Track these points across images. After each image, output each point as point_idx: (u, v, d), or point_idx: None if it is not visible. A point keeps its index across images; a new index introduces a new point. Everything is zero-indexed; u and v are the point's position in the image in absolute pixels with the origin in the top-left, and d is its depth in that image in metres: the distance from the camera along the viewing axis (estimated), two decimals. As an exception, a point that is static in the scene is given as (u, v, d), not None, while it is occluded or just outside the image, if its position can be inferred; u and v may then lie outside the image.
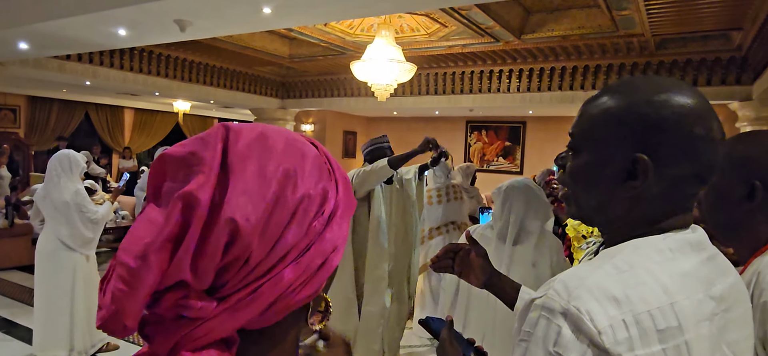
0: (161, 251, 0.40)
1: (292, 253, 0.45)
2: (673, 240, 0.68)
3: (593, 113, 0.73)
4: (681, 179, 0.69)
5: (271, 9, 3.61)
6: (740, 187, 1.08)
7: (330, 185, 0.50)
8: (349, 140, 11.90)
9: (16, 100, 10.57)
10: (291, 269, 0.44)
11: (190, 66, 8.28)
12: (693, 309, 0.64)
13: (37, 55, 5.78)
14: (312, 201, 0.47)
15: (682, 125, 0.67)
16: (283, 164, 0.46)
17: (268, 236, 0.44)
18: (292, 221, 0.45)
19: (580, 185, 0.76)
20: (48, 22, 4.12)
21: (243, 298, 0.43)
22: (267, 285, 0.43)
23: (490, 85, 7.87)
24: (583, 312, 0.59)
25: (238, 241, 0.42)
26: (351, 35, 6.63)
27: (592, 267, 0.65)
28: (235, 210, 0.42)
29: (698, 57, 6.24)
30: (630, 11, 5.00)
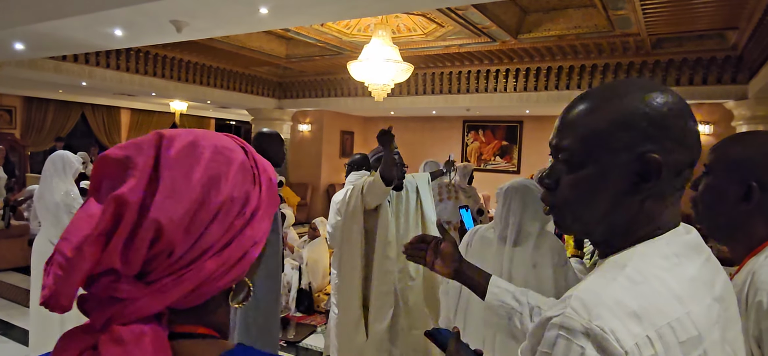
0: (95, 244, 0.47)
1: (214, 247, 0.52)
2: (676, 245, 0.68)
3: (590, 121, 0.71)
4: (681, 171, 0.70)
5: (267, 9, 3.60)
6: (737, 188, 1.08)
7: (253, 188, 0.57)
8: (346, 140, 11.89)
9: (11, 101, 10.54)
10: (213, 260, 0.52)
11: (187, 66, 8.26)
12: (705, 315, 0.63)
13: (33, 55, 5.76)
14: (234, 203, 0.54)
15: (678, 119, 0.68)
16: (209, 170, 0.53)
17: (191, 233, 0.50)
18: (215, 220, 0.52)
19: (582, 199, 0.72)
20: (43, 23, 4.10)
21: (167, 284, 0.50)
22: (189, 274, 0.50)
23: (486, 85, 7.88)
24: (607, 331, 0.57)
25: (162, 238, 0.49)
26: (348, 35, 6.63)
27: (606, 280, 0.63)
28: (160, 212, 0.49)
29: (694, 56, 6.26)
30: (626, 11, 5.02)
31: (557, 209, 0.76)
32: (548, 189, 0.76)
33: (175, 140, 0.54)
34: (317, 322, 4.64)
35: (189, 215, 0.50)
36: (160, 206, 0.49)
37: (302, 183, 10.87)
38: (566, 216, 0.75)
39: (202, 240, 0.51)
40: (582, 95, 0.75)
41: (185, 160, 0.53)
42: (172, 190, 0.50)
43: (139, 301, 0.49)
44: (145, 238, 0.48)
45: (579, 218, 0.73)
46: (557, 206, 0.75)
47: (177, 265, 0.50)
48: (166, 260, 0.50)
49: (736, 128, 6.56)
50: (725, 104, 6.65)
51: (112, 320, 0.49)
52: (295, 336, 4.29)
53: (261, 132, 3.02)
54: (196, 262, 0.51)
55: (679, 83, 6.46)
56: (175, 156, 0.53)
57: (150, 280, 0.50)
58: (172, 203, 0.50)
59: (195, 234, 0.51)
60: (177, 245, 0.50)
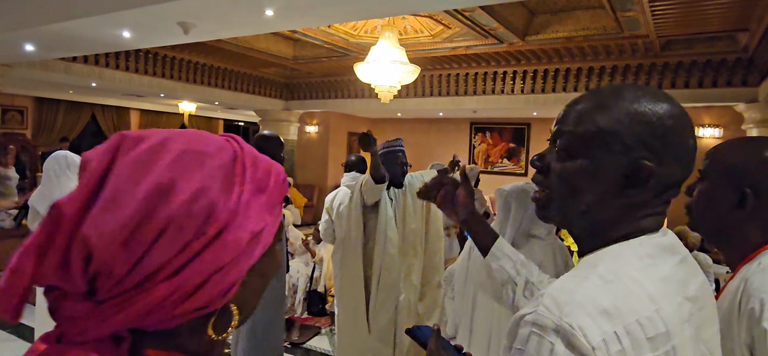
0: (30, 258, 0.43)
1: (165, 270, 0.45)
2: (650, 246, 0.69)
3: (596, 117, 0.71)
4: (670, 186, 0.71)
5: (273, 11, 3.62)
6: (731, 194, 1.08)
7: (223, 199, 0.48)
8: (353, 142, 11.90)
9: (23, 101, 10.66)
10: (165, 285, 0.45)
11: (195, 68, 8.32)
12: (675, 312, 0.65)
13: (43, 57, 5.83)
14: (190, 220, 0.46)
15: (680, 135, 0.69)
16: (159, 177, 0.46)
17: (132, 252, 0.44)
18: (161, 239, 0.45)
19: (568, 189, 0.74)
20: (53, 24, 4.15)
21: (117, 305, 0.44)
22: (138, 298, 0.44)
23: (494, 87, 7.86)
24: (575, 328, 0.59)
25: (94, 255, 0.43)
26: (355, 37, 6.64)
27: (579, 279, 0.65)
28: (90, 227, 0.43)
29: (704, 58, 6.20)
30: (635, 12, 4.98)
31: (544, 195, 0.78)
32: (539, 172, 0.79)
33: (141, 143, 0.48)
34: (321, 324, 4.64)
35: (126, 232, 0.44)
36: (93, 221, 0.44)
37: (309, 184, 10.90)
38: (551, 203, 0.77)
39: (147, 261, 0.44)
40: (592, 91, 0.76)
41: (140, 166, 0.46)
42: (111, 201, 0.44)
43: (85, 321, 0.44)
44: (78, 255, 0.43)
45: (561, 208, 0.75)
46: (544, 191, 0.78)
47: (121, 287, 0.44)
48: (107, 280, 0.44)
49: (746, 131, 6.48)
50: (735, 107, 6.58)
51: (64, 336, 0.45)
52: (299, 337, 4.29)
53: (260, 134, 3.05)
54: (144, 285, 0.45)
55: (689, 86, 6.40)
56: (131, 162, 0.46)
57: (99, 299, 0.45)
58: (108, 217, 0.44)
59: (136, 254, 0.44)
60: (114, 265, 0.44)
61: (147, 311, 0.45)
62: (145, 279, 0.45)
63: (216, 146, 0.51)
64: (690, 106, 6.97)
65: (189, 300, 0.46)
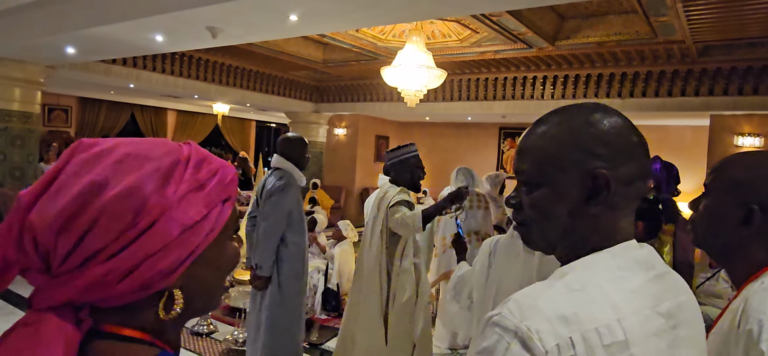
0: (0, 237, 0.53)
1: (102, 254, 0.53)
2: (622, 259, 0.72)
3: (542, 144, 0.76)
4: (633, 183, 0.74)
5: (297, 16, 3.68)
6: (737, 210, 1.04)
7: (155, 198, 0.55)
8: (381, 145, 11.95)
9: (68, 101, 11.18)
10: (101, 267, 0.53)
11: (228, 70, 8.53)
12: (640, 324, 0.67)
13: (83, 59, 6.10)
14: (122, 212, 0.53)
15: (621, 135, 0.73)
16: (98, 176, 0.54)
17: (70, 235, 0.52)
18: (95, 227, 0.52)
19: (542, 217, 0.77)
20: (91, 29, 4.35)
21: (65, 280, 0.53)
22: (80, 275, 0.53)
23: (523, 92, 7.74)
24: (533, 331, 0.62)
25: (38, 237, 0.52)
26: (383, 41, 6.68)
27: (545, 287, 0.69)
28: (36, 213, 0.53)
29: (744, 64, 5.94)
30: (669, 17, 4.82)
31: (523, 227, 0.81)
32: (514, 208, 0.82)
33: (92, 148, 0.57)
34: (341, 325, 4.68)
35: (62, 218, 0.52)
36: (38, 208, 0.53)
37: (337, 186, 11.00)
38: (532, 234, 0.80)
39: (85, 245, 0.52)
40: (537, 121, 0.80)
41: (85, 165, 0.55)
42: (54, 193, 0.53)
43: (45, 290, 0.54)
44: (28, 236, 0.52)
45: (542, 235, 0.78)
46: (523, 224, 0.81)
47: (66, 266, 0.53)
48: (55, 258, 0.53)
49: (790, 141, 6.18)
50: (779, 116, 6.28)
51: (31, 303, 0.55)
52: (318, 338, 4.34)
53: (284, 137, 3.11)
54: (84, 265, 0.53)
55: (728, 93, 6.14)
56: (79, 162, 0.55)
57: (53, 274, 0.54)
58: (49, 205, 0.52)
59: (73, 238, 0.52)
60: (58, 246, 0.52)
61: (88, 286, 0.53)
62: (85, 260, 0.53)
63: (161, 151, 0.58)
64: (729, 113, 6.69)
65: (125, 280, 0.54)
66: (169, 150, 0.59)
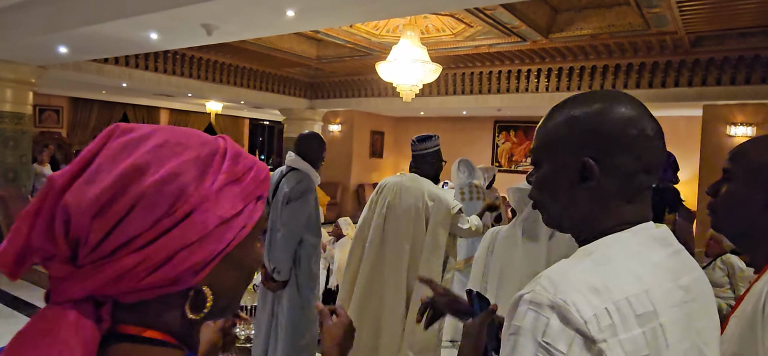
0: (26, 221, 0.50)
1: (135, 242, 0.49)
2: (641, 236, 0.75)
3: (548, 127, 0.81)
4: (631, 175, 0.76)
5: (294, 12, 3.67)
6: (760, 195, 1.05)
7: (195, 185, 0.52)
8: (376, 140, 11.95)
9: (59, 101, 11.08)
10: (133, 256, 0.49)
11: (221, 68, 8.49)
12: (664, 295, 0.70)
13: (76, 58, 6.05)
14: (160, 198, 0.50)
15: (619, 125, 0.75)
16: (138, 160, 0.51)
17: (105, 221, 0.49)
18: (132, 213, 0.49)
19: (546, 194, 0.82)
20: (84, 28, 4.31)
21: (90, 270, 0.49)
22: (108, 265, 0.49)
23: (518, 85, 7.76)
24: (569, 303, 0.64)
25: (72, 221, 0.49)
26: (377, 36, 6.67)
27: (573, 263, 0.71)
28: (72, 195, 0.49)
29: (736, 54, 5.99)
30: (661, 9, 4.86)
31: (535, 204, 0.87)
32: (531, 186, 0.87)
33: (130, 132, 0.54)
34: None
35: (100, 202, 0.49)
36: (74, 190, 0.49)
37: (332, 182, 10.99)
38: (541, 209, 0.85)
39: (119, 232, 0.49)
40: (554, 106, 0.84)
41: (123, 149, 0.52)
42: (93, 175, 0.50)
43: (65, 282, 0.50)
44: (60, 220, 0.49)
45: (547, 211, 0.83)
46: (534, 201, 0.86)
47: (96, 254, 0.49)
48: (84, 246, 0.49)
49: (782, 129, 6.25)
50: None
51: (50, 294, 0.51)
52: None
53: (303, 135, 3.08)
54: (116, 254, 0.49)
55: (720, 83, 6.19)
56: (117, 146, 0.52)
57: (79, 264, 0.50)
58: (87, 188, 0.49)
59: (109, 223, 0.49)
60: (91, 232, 0.49)
61: (117, 277, 0.49)
62: (117, 248, 0.49)
63: (199, 141, 0.56)
64: (722, 103, 6.75)
65: (156, 272, 0.50)
66: (206, 140, 0.57)
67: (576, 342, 0.62)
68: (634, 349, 0.64)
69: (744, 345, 1.02)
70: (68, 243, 0.49)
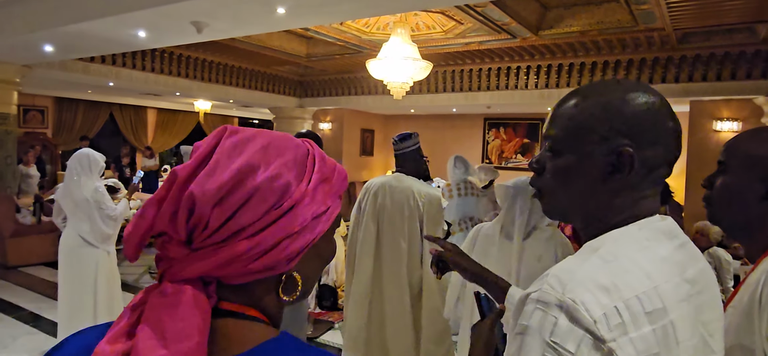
0: (152, 207, 0.57)
1: (248, 230, 0.56)
2: (648, 230, 0.74)
3: (574, 114, 0.77)
4: (656, 167, 0.75)
5: (284, 9, 3.65)
6: (757, 186, 1.06)
7: (297, 183, 0.60)
8: (366, 138, 11.94)
9: (43, 101, 10.90)
10: (246, 242, 0.56)
11: (210, 66, 8.41)
12: (673, 291, 0.69)
13: (62, 57, 5.96)
14: (270, 192, 0.58)
15: (656, 118, 0.74)
16: (251, 159, 0.58)
17: (224, 210, 0.56)
18: (248, 204, 0.57)
19: (561, 184, 0.79)
20: (70, 26, 4.24)
21: (206, 253, 0.56)
22: (224, 249, 0.56)
23: (507, 82, 7.80)
24: (578, 302, 0.62)
25: (196, 208, 0.56)
26: (367, 34, 6.65)
27: (580, 261, 0.69)
28: (197, 186, 0.56)
29: (722, 51, 6.08)
30: (649, 5, 4.91)
31: (542, 193, 0.83)
32: (536, 173, 0.84)
33: (238, 133, 0.62)
34: (335, 318, 4.68)
35: (221, 193, 0.56)
36: (198, 181, 0.57)
37: (323, 181, 10.95)
38: (548, 200, 0.82)
39: (236, 220, 0.56)
40: (573, 91, 0.81)
41: (235, 148, 0.59)
42: (212, 169, 0.57)
43: (182, 262, 0.57)
44: (185, 208, 0.56)
45: (558, 203, 0.81)
46: (542, 189, 0.83)
47: (212, 239, 0.56)
48: (202, 231, 0.56)
49: (766, 124, 6.35)
50: (755, 100, 6.44)
51: (164, 276, 0.58)
52: (313, 332, 4.34)
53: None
54: (231, 240, 0.56)
55: (706, 79, 6.28)
56: (229, 145, 0.60)
57: (194, 247, 0.57)
58: (209, 180, 0.56)
59: (227, 212, 0.56)
60: (210, 219, 0.56)
61: (229, 260, 0.56)
62: (232, 234, 0.56)
63: (294, 144, 0.64)
64: (708, 99, 6.84)
65: (263, 258, 0.57)
66: (298, 143, 0.65)
67: (585, 342, 0.61)
68: (645, 348, 0.64)
69: (741, 334, 1.04)
70: (187, 228, 0.56)
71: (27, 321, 4.62)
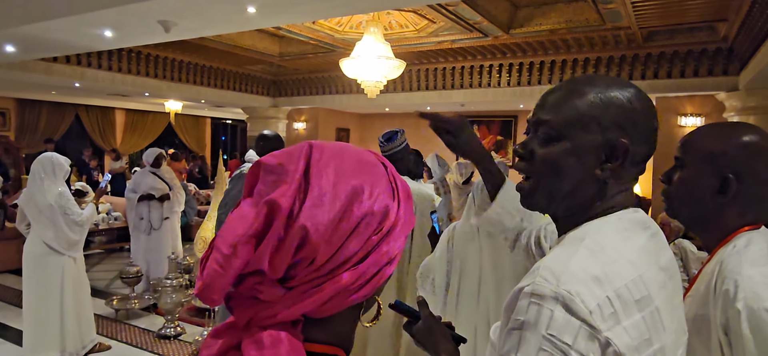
0: (247, 244, 0.49)
1: (352, 260, 0.52)
2: (626, 221, 0.77)
3: (574, 102, 0.79)
4: (638, 163, 0.79)
5: (255, 8, 3.60)
6: (712, 180, 1.09)
7: (392, 203, 0.56)
8: (342, 137, 11.90)
9: (4, 103, 10.52)
10: (349, 273, 0.52)
11: (180, 66, 8.25)
12: (654, 279, 0.72)
13: (24, 58, 5.75)
14: (373, 218, 0.54)
15: (646, 116, 0.78)
16: (352, 181, 0.53)
17: (333, 243, 0.51)
18: (354, 233, 0.52)
19: (553, 172, 0.79)
20: (32, 25, 4.10)
21: (306, 291, 0.51)
22: (328, 284, 0.51)
23: (480, 80, 7.88)
24: (573, 294, 0.64)
25: (307, 245, 0.50)
26: (340, 33, 6.63)
27: (568, 252, 0.71)
28: (308, 219, 0.50)
29: (685, 48, 6.27)
30: (616, 5, 5.03)
31: (530, 181, 0.83)
32: (523, 160, 0.83)
33: (325, 150, 0.56)
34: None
35: (333, 225, 0.51)
36: (308, 214, 0.50)
37: (298, 181, 10.87)
38: (538, 188, 0.82)
39: (342, 251, 0.51)
40: (567, 81, 0.82)
41: (333, 171, 0.54)
42: (319, 198, 0.51)
43: (277, 304, 0.50)
44: (292, 243, 0.49)
45: (548, 191, 0.81)
46: (531, 175, 0.83)
47: (316, 274, 0.51)
48: (307, 267, 0.50)
49: (727, 119, 6.58)
50: (717, 96, 6.67)
51: (253, 321, 0.51)
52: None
53: (262, 135, 3.07)
54: (334, 272, 0.51)
55: (671, 75, 6.47)
56: (324, 166, 0.54)
57: (291, 285, 0.51)
58: (320, 212, 0.50)
59: (336, 244, 0.51)
60: (319, 253, 0.50)
61: (331, 296, 0.51)
62: (337, 267, 0.51)
63: (377, 160, 0.60)
64: (673, 95, 7.06)
65: (364, 288, 0.53)
66: (377, 160, 0.60)
67: (581, 333, 0.63)
68: (638, 334, 0.66)
69: (698, 322, 1.08)
70: (288, 265, 0.50)
71: (-6, 331, 4.46)
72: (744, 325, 0.96)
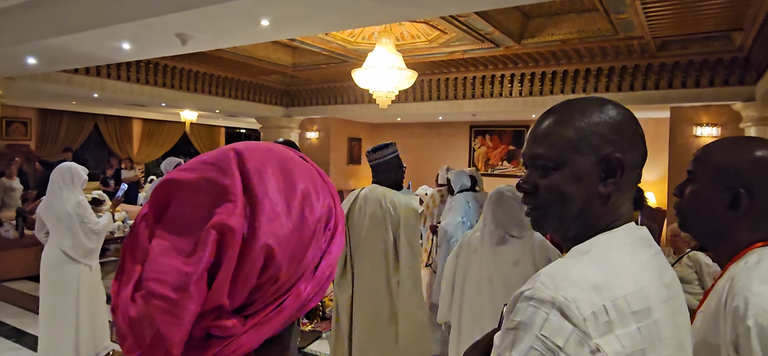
0: (200, 281, 0.42)
1: (309, 269, 0.48)
2: (631, 237, 0.80)
3: (559, 130, 0.83)
4: (635, 169, 0.82)
5: (268, 21, 3.67)
6: (724, 195, 1.09)
7: (331, 201, 0.52)
8: (353, 147, 11.96)
9: (27, 113, 10.77)
10: (308, 284, 0.47)
11: (195, 77, 8.39)
12: (656, 293, 0.75)
13: (45, 69, 5.91)
14: (322, 219, 0.50)
15: (631, 125, 0.82)
16: (299, 185, 0.48)
17: (296, 256, 0.46)
18: (312, 240, 0.48)
19: (559, 198, 0.82)
20: (54, 38, 4.22)
21: (270, 313, 0.45)
22: (289, 300, 0.46)
23: (492, 90, 7.88)
24: (569, 300, 0.66)
25: (272, 264, 0.44)
26: (352, 43, 6.70)
27: (572, 262, 0.75)
28: (269, 236, 0.44)
29: (700, 58, 6.22)
30: (628, 14, 5.01)
31: (538, 211, 0.86)
32: (527, 194, 0.86)
33: (254, 155, 0.49)
34: (322, 328, 4.67)
35: (294, 237, 0.46)
36: (267, 230, 0.44)
37: (311, 190, 10.93)
38: (547, 217, 0.85)
39: (302, 263, 0.47)
40: (547, 112, 0.86)
41: (272, 177, 0.48)
42: (272, 211, 0.45)
43: (241, 337, 0.44)
44: (255, 266, 0.44)
45: (558, 217, 0.84)
46: (538, 208, 0.85)
47: (279, 292, 0.45)
48: (271, 287, 0.45)
49: (744, 130, 6.49)
50: (733, 106, 6.58)
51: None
52: (300, 342, 4.33)
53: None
54: (294, 287, 0.46)
55: (686, 85, 6.41)
56: (263, 173, 0.47)
57: (251, 312, 0.45)
58: (277, 225, 0.45)
59: (298, 257, 0.46)
60: (283, 270, 0.45)
61: (293, 313, 0.46)
62: (297, 280, 0.47)
63: (298, 157, 0.55)
64: (688, 105, 6.98)
65: (318, 295, 0.48)
66: (299, 157, 0.55)
67: (573, 337, 0.65)
68: (631, 343, 0.68)
69: (709, 338, 1.07)
70: (249, 290, 0.44)
71: (9, 336, 4.55)
72: (754, 342, 0.95)
